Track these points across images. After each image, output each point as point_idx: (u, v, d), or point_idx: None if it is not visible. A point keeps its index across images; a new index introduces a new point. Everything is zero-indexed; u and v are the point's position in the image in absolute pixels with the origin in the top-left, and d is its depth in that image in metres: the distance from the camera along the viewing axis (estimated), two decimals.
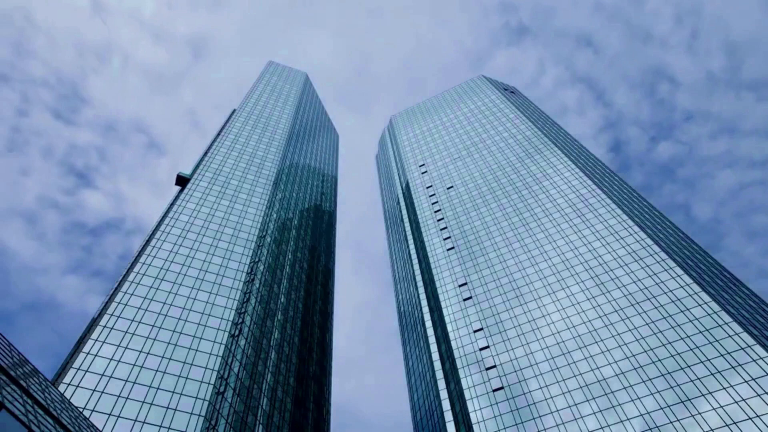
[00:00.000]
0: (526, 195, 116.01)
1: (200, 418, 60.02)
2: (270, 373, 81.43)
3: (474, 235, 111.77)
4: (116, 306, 70.72)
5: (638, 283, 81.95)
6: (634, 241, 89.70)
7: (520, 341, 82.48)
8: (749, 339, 66.38)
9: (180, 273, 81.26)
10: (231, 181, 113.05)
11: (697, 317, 72.33)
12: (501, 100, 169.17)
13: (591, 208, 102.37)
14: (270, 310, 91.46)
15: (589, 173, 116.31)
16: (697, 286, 76.68)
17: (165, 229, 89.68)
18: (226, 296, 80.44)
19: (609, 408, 67.16)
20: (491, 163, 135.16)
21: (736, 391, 61.57)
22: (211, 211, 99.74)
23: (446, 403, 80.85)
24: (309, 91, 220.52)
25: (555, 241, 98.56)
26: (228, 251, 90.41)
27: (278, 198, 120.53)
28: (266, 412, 74.51)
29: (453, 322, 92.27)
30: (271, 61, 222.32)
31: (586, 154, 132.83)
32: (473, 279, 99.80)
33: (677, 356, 68.72)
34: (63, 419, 30.93)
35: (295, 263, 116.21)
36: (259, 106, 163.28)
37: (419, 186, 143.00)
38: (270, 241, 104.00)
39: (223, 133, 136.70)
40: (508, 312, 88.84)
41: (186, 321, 73.12)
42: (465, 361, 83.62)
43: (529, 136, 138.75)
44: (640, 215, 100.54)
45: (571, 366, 74.92)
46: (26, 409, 25.77)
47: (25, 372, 31.98)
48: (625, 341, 74.18)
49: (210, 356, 68.96)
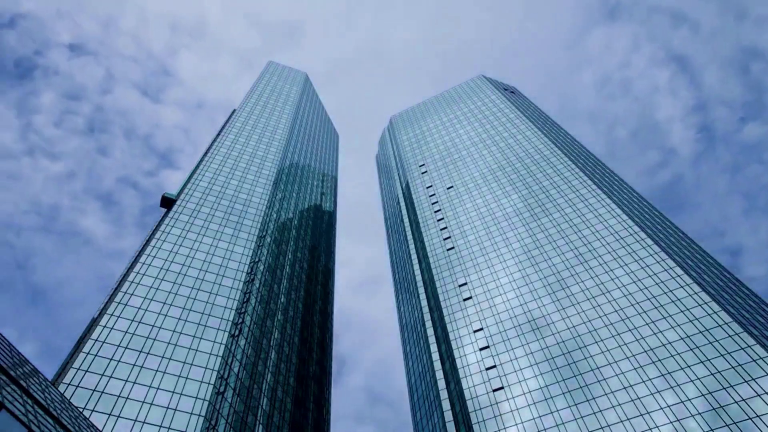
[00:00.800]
0: (526, 195, 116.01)
1: (200, 418, 60.03)
2: (270, 373, 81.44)
3: (474, 235, 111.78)
4: (116, 306, 70.71)
5: (638, 283, 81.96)
6: (634, 241, 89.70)
7: (520, 341, 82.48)
8: (749, 339, 66.38)
9: (180, 273, 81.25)
10: (231, 181, 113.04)
11: (697, 317, 72.33)
12: (501, 100, 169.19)
13: (591, 208, 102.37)
14: (270, 310, 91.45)
15: (589, 173, 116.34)
16: (697, 286, 76.68)
17: (165, 229, 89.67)
18: (226, 296, 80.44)
19: (607, 409, 67.16)
20: (491, 163, 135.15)
21: (736, 391, 61.57)
22: (211, 210, 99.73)
23: (446, 403, 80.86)
24: (309, 91, 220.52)
25: (555, 241, 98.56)
26: (228, 251, 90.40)
27: (278, 198, 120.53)
28: (266, 412, 74.51)
29: (453, 322, 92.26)
30: (271, 61, 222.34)
31: (586, 154, 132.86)
32: (473, 279, 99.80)
33: (677, 356, 68.72)
34: (63, 419, 30.93)
35: (295, 263, 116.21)
36: (259, 106, 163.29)
37: (419, 186, 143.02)
38: (270, 241, 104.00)
39: (224, 133, 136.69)
40: (508, 312, 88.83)
41: (186, 321, 73.12)
42: (465, 361, 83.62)
43: (529, 136, 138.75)
44: (640, 215, 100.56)
45: (571, 366, 74.92)
46: (26, 409, 25.77)
47: (25, 372, 31.99)
48: (625, 341, 74.18)
49: (210, 356, 68.97)
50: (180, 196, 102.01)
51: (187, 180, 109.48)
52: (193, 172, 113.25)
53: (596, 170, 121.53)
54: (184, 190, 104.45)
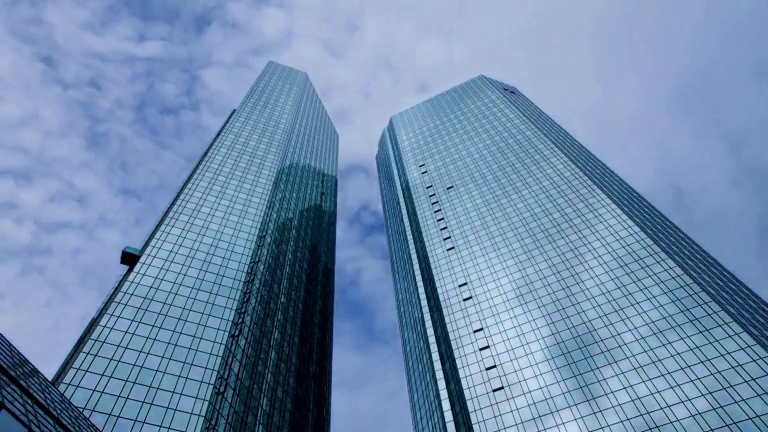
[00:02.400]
0: (526, 195, 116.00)
1: (200, 418, 60.04)
2: (270, 373, 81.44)
3: (474, 235, 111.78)
4: (116, 306, 70.72)
5: (638, 283, 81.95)
6: (634, 241, 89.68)
7: (520, 341, 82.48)
8: (749, 339, 66.39)
9: (180, 273, 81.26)
10: (231, 182, 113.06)
11: (697, 317, 72.33)
12: (501, 99, 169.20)
13: (591, 208, 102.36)
14: (270, 310, 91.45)
15: (589, 173, 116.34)
16: (697, 286, 76.69)
17: (165, 229, 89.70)
18: (226, 296, 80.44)
19: (608, 409, 67.17)
20: (491, 163, 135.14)
21: (735, 391, 61.58)
22: (211, 211, 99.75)
23: (446, 403, 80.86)
24: (309, 91, 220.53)
25: (555, 241, 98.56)
26: (228, 251, 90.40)
27: (278, 198, 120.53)
28: (266, 412, 74.51)
29: (453, 322, 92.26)
30: (271, 61, 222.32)
31: (586, 154, 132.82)
32: (473, 279, 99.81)
33: (677, 356, 68.73)
34: (63, 419, 30.93)
35: (295, 263, 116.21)
36: (259, 106, 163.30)
37: (419, 186, 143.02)
38: (270, 241, 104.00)
39: (223, 133, 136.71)
40: (508, 312, 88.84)
41: (186, 321, 73.12)
42: (465, 361, 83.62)
43: (529, 136, 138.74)
44: (639, 215, 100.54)
45: (571, 366, 74.91)
46: (26, 409, 25.77)
47: (25, 372, 31.99)
48: (626, 341, 74.18)
49: (210, 356, 68.97)
50: (180, 196, 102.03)
51: (187, 180, 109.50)
52: (192, 172, 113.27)
53: (596, 170, 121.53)
54: (184, 190, 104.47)
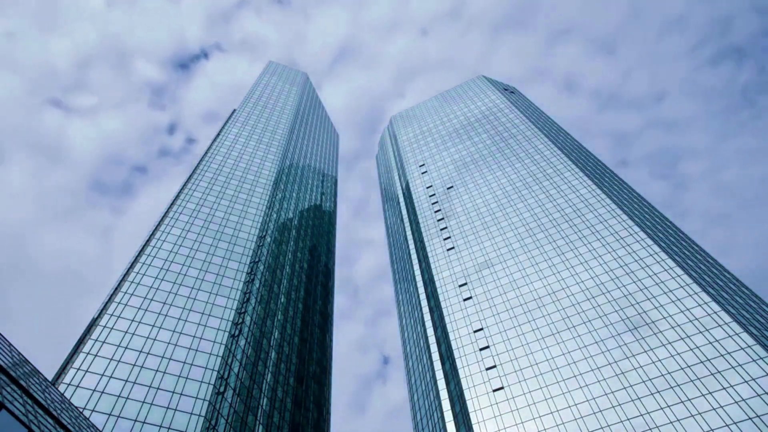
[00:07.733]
0: (526, 195, 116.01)
1: (200, 418, 60.05)
2: (270, 373, 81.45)
3: (474, 235, 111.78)
4: (116, 306, 70.74)
5: (638, 283, 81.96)
6: (634, 242, 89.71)
7: (520, 341, 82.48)
8: (749, 339, 66.40)
9: (180, 273, 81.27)
10: (231, 181, 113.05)
11: (697, 317, 72.34)
12: (501, 99, 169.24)
13: (591, 208, 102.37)
14: (270, 310, 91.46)
15: (590, 173, 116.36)
16: (697, 286, 76.70)
17: (165, 229, 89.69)
18: (226, 296, 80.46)
19: (609, 408, 67.17)
20: (491, 163, 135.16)
21: (735, 391, 61.59)
22: (211, 211, 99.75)
23: (446, 403, 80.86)
24: (309, 91, 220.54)
25: (555, 241, 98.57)
26: (228, 251, 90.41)
27: (278, 198, 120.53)
28: (266, 412, 74.52)
29: (453, 322, 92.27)
30: (271, 61, 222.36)
31: (586, 154, 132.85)
32: (473, 279, 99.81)
33: (677, 356, 68.73)
34: (63, 419, 30.94)
35: (295, 263, 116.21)
36: (259, 106, 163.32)
37: (419, 186, 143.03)
38: (270, 241, 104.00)
39: (223, 133, 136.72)
40: (508, 312, 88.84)
41: (186, 321, 73.14)
42: (465, 361, 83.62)
43: (529, 136, 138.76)
44: (640, 215, 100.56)
45: (571, 366, 74.92)
46: (26, 409, 25.78)
47: (25, 372, 32.00)
48: (626, 341, 74.19)
49: (210, 356, 68.98)
50: (180, 196, 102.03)
51: (187, 180, 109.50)
52: (193, 172, 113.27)
53: (596, 170, 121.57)
54: (184, 190, 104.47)
